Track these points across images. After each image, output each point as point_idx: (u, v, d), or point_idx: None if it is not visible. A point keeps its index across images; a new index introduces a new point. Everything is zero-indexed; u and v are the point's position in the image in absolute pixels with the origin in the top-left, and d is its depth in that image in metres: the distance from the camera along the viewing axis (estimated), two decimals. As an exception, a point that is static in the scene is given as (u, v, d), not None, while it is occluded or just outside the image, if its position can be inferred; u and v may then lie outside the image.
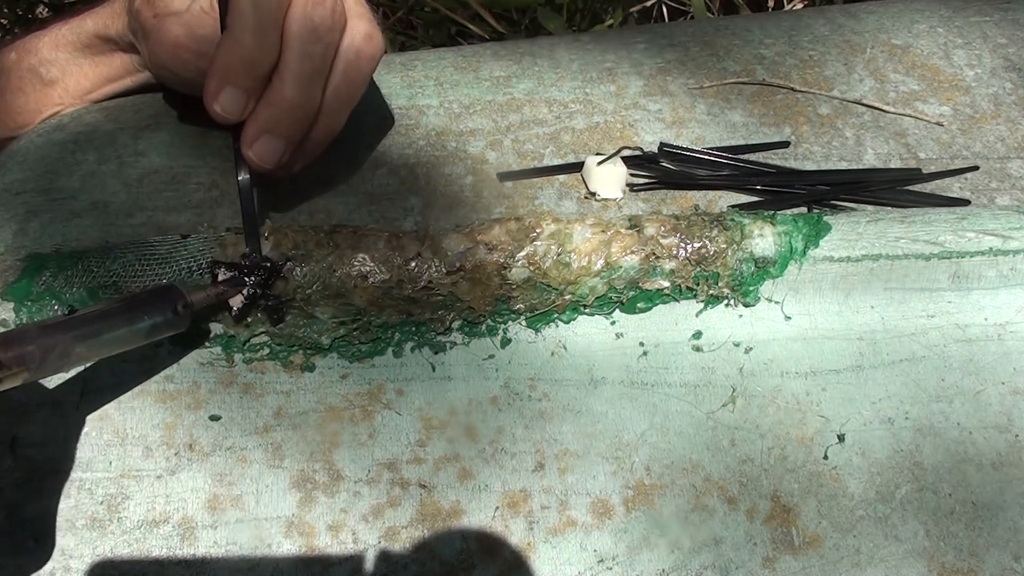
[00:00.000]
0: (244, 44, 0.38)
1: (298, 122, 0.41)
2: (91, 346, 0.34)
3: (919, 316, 0.45)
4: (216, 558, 0.39)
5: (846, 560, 0.41)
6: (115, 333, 0.35)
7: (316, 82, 0.41)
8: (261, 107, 0.40)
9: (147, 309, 0.36)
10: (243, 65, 0.39)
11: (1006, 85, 0.56)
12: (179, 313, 0.37)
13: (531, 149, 0.51)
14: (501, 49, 0.58)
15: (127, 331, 0.35)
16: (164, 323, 0.36)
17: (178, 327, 0.37)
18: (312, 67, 0.40)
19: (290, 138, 0.41)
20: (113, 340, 0.35)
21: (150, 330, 0.36)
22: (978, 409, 0.44)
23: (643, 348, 0.44)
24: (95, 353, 0.35)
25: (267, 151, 0.40)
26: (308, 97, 0.41)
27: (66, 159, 0.47)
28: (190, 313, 0.38)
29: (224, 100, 0.39)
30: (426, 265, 0.41)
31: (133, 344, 0.36)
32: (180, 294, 0.37)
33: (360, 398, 0.42)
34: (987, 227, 0.44)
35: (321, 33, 0.40)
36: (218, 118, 0.40)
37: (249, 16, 0.38)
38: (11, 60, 0.53)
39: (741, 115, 0.53)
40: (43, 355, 0.32)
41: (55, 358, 0.32)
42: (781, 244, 0.43)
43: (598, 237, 0.42)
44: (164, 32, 0.42)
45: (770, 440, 0.43)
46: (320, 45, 0.40)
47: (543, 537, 0.40)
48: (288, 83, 0.40)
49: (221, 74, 0.39)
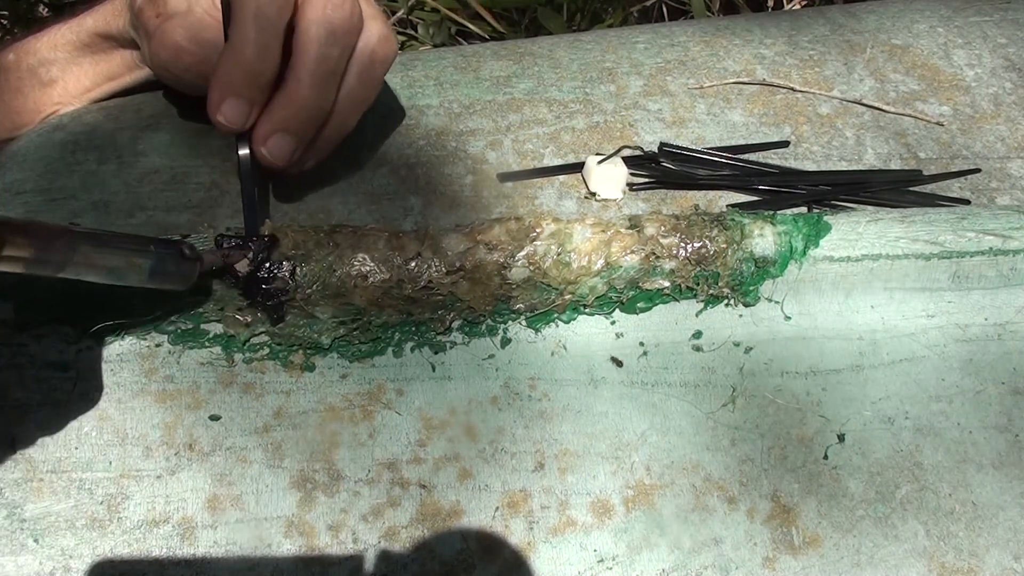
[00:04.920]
0: (246, 55, 0.39)
1: (311, 122, 0.41)
2: (97, 250, 0.33)
3: (919, 316, 0.45)
4: (216, 558, 0.39)
5: (846, 560, 0.41)
6: (122, 248, 0.34)
7: (331, 83, 0.41)
8: (276, 106, 0.41)
9: (154, 242, 0.36)
10: (245, 76, 0.39)
11: (1006, 85, 0.56)
12: (186, 256, 0.36)
13: (531, 149, 0.51)
14: (501, 49, 0.58)
15: (133, 254, 0.34)
16: (170, 261, 0.36)
17: (182, 277, 0.37)
18: (328, 68, 0.41)
19: (303, 137, 0.42)
20: (118, 256, 0.34)
21: (155, 266, 0.35)
22: (978, 409, 0.44)
23: (643, 348, 0.44)
24: (99, 261, 0.33)
25: (279, 149, 0.41)
26: (323, 97, 0.41)
27: (66, 159, 0.47)
28: (196, 267, 0.37)
29: (227, 110, 0.40)
30: (426, 265, 0.41)
31: (136, 276, 0.35)
32: (189, 244, 0.37)
33: (360, 398, 0.42)
34: (987, 227, 0.44)
35: (339, 35, 0.40)
36: (221, 128, 0.40)
37: (251, 28, 0.39)
38: (9, 61, 0.53)
39: (741, 115, 0.53)
40: (48, 237, 0.31)
41: (61, 246, 0.31)
42: (781, 244, 0.43)
43: (598, 237, 0.42)
44: (166, 35, 0.43)
45: (770, 440, 0.43)
46: (337, 47, 0.40)
47: (543, 537, 0.40)
48: (304, 83, 0.40)
49: (223, 85, 0.39)
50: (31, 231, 0.30)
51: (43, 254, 0.31)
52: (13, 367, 0.40)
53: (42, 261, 0.31)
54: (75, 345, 0.41)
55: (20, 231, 0.30)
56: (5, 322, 0.40)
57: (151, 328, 0.41)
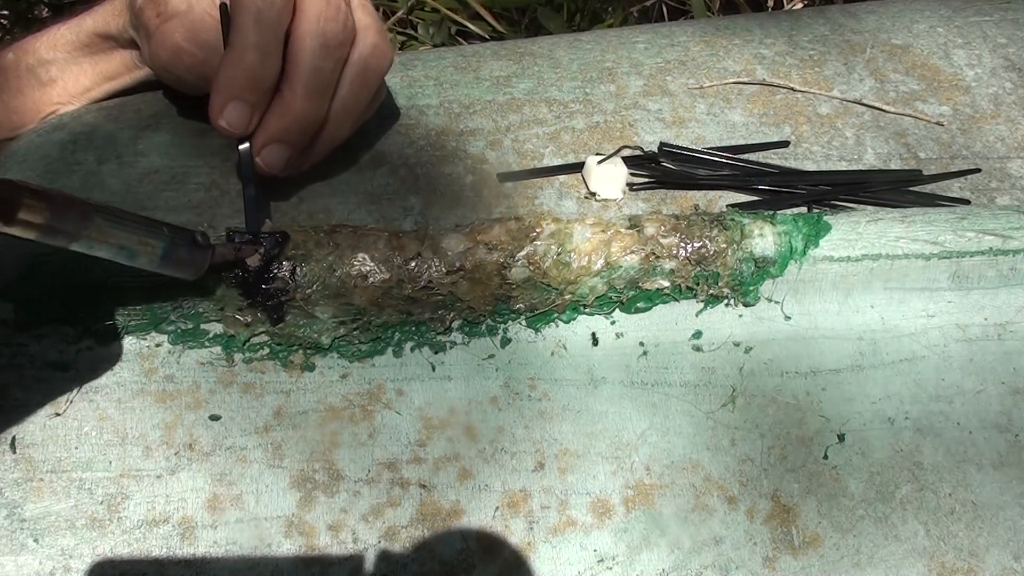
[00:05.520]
0: (248, 60, 0.39)
1: (306, 131, 0.42)
2: (111, 225, 0.33)
3: (919, 316, 0.45)
4: (216, 558, 0.39)
5: (846, 560, 0.41)
6: (135, 227, 0.34)
7: (325, 94, 0.42)
8: (270, 117, 0.41)
9: (168, 227, 0.36)
10: (247, 81, 0.40)
11: (1006, 85, 0.56)
12: (199, 243, 0.36)
13: (531, 149, 0.51)
14: (501, 49, 0.58)
15: (146, 234, 0.34)
16: (183, 247, 0.36)
17: (193, 265, 0.37)
18: (322, 80, 0.41)
19: (297, 146, 0.42)
20: (131, 235, 0.34)
21: (167, 249, 0.35)
22: (978, 409, 0.44)
23: (643, 348, 0.44)
24: (112, 238, 0.33)
25: (274, 158, 0.42)
26: (317, 108, 0.42)
27: (66, 159, 0.47)
28: (207, 255, 0.37)
29: (229, 115, 0.40)
30: (426, 265, 0.41)
31: (147, 258, 0.35)
32: (202, 232, 0.37)
33: (360, 398, 0.42)
34: (987, 227, 0.44)
35: (332, 48, 0.41)
36: (224, 132, 0.41)
37: (252, 33, 0.39)
38: (8, 60, 0.53)
39: (741, 115, 0.53)
40: (64, 205, 0.31)
41: (75, 216, 0.31)
42: (781, 244, 0.43)
43: (598, 237, 0.42)
44: (166, 36, 0.43)
45: (770, 440, 0.43)
46: (331, 59, 0.41)
47: (543, 537, 0.40)
48: (298, 95, 0.41)
49: (226, 90, 0.40)
50: (47, 197, 0.30)
51: (57, 221, 0.31)
52: (13, 367, 0.40)
53: (55, 229, 0.31)
54: (75, 345, 0.41)
55: (36, 195, 0.30)
56: (5, 322, 0.40)
57: (151, 328, 0.41)
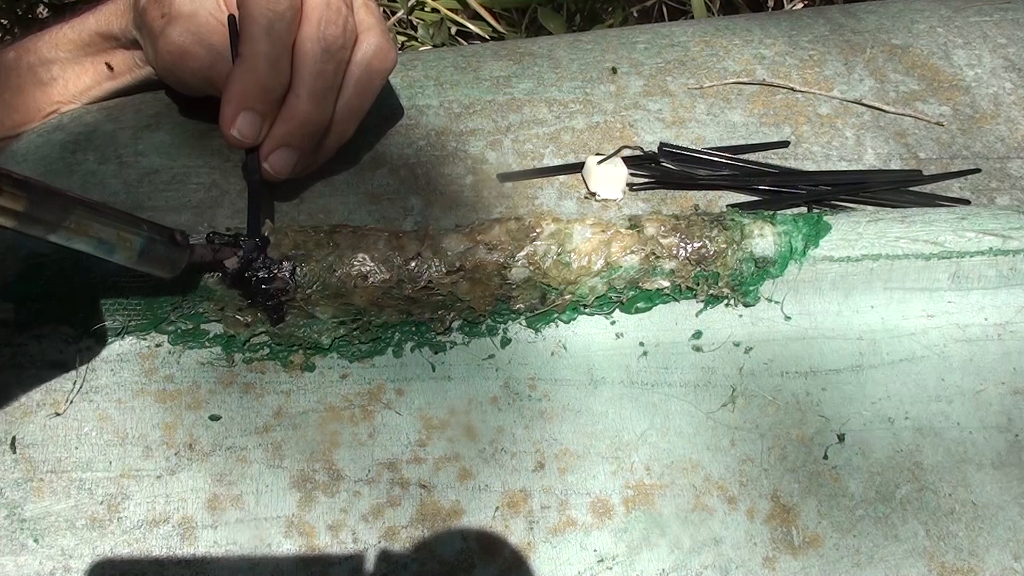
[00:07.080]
0: (259, 71, 0.40)
1: (312, 135, 0.42)
2: (90, 217, 0.33)
3: (919, 316, 0.45)
4: (216, 558, 0.39)
5: (846, 560, 0.41)
6: (115, 222, 0.34)
7: (329, 97, 0.42)
8: (276, 123, 0.42)
9: (147, 224, 0.36)
10: (259, 91, 0.40)
11: (1006, 85, 0.56)
12: (177, 242, 0.37)
13: (531, 149, 0.51)
14: (501, 49, 0.58)
15: (125, 230, 0.35)
16: (161, 245, 0.36)
17: (170, 263, 0.37)
18: (325, 84, 0.42)
19: (304, 150, 0.43)
20: (110, 228, 0.34)
21: (145, 246, 0.35)
22: (978, 409, 0.44)
23: (643, 348, 0.44)
24: (91, 230, 0.33)
25: (282, 163, 0.42)
26: (321, 111, 0.42)
27: (66, 159, 0.47)
28: (185, 255, 0.37)
29: (241, 125, 0.40)
30: (426, 265, 0.41)
31: (125, 254, 0.35)
32: (181, 231, 0.37)
33: (360, 398, 0.42)
34: (987, 227, 0.44)
35: (333, 52, 0.41)
36: (235, 143, 0.41)
37: (263, 44, 0.39)
38: (9, 59, 0.53)
39: (741, 115, 0.53)
40: (44, 194, 0.31)
41: (55, 207, 0.32)
42: (781, 244, 0.43)
43: (598, 237, 0.42)
44: (171, 38, 0.43)
45: (770, 440, 0.43)
46: (332, 63, 0.41)
47: (543, 537, 0.40)
48: (303, 100, 0.41)
49: (237, 101, 0.40)
50: (27, 186, 0.30)
51: (36, 210, 0.31)
52: (13, 367, 0.40)
53: (34, 218, 0.31)
54: (75, 345, 0.41)
55: (17, 183, 0.30)
56: (5, 322, 0.40)
57: (151, 328, 0.41)
